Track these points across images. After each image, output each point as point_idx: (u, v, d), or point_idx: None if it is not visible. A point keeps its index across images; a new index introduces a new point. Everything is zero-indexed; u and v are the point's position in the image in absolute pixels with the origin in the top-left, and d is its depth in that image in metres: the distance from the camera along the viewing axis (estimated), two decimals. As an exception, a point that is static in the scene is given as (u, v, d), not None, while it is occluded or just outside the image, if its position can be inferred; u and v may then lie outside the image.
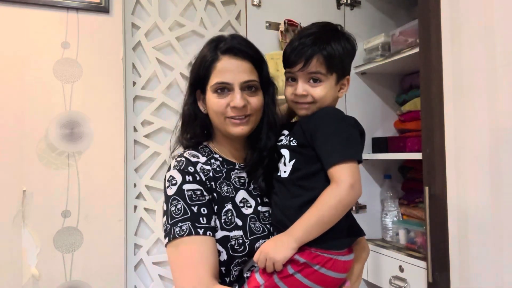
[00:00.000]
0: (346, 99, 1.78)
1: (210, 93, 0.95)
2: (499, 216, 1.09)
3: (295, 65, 0.92)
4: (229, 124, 0.94)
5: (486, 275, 1.12)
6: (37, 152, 1.53)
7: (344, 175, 0.83)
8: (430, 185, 1.28)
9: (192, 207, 0.89)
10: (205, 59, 0.96)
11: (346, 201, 0.83)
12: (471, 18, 1.16)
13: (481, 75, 1.13)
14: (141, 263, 1.70)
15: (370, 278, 1.67)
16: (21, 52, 1.52)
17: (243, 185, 0.99)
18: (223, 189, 0.95)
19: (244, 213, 0.95)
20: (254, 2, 1.60)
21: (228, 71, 0.93)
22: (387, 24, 1.86)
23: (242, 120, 0.94)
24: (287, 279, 0.84)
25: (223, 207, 0.93)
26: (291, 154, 0.92)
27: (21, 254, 1.48)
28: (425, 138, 1.32)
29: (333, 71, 0.92)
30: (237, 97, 0.92)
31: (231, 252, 0.90)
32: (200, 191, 0.91)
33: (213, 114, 0.96)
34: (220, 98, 0.93)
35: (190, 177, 0.91)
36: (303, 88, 0.92)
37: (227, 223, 0.92)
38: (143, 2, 1.72)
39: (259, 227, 0.94)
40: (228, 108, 0.93)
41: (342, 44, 0.94)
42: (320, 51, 0.90)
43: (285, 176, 0.92)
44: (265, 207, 0.98)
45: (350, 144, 0.86)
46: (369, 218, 1.80)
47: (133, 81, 1.71)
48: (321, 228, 0.83)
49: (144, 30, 1.72)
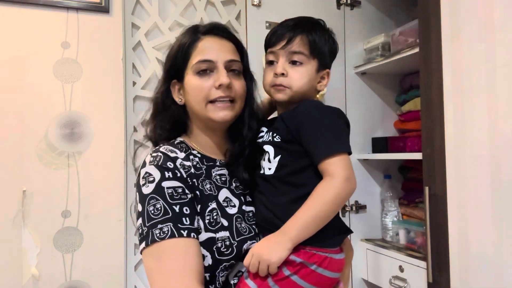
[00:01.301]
0: (346, 99, 1.78)
1: (191, 75, 0.87)
2: (499, 216, 1.09)
3: (277, 43, 0.89)
4: (211, 110, 0.87)
5: (486, 275, 1.12)
6: (37, 152, 1.52)
7: (338, 168, 0.79)
8: (430, 185, 1.28)
9: (173, 206, 0.79)
10: (183, 42, 0.90)
11: (343, 194, 0.79)
12: (471, 18, 1.16)
13: (481, 75, 1.13)
14: (141, 263, 1.70)
15: (370, 278, 1.67)
16: (21, 52, 1.52)
17: (225, 183, 0.91)
18: (205, 187, 0.86)
19: (229, 212, 0.87)
20: (254, 2, 1.60)
21: (211, 49, 0.87)
22: (387, 24, 1.86)
23: (225, 104, 0.87)
24: (282, 282, 0.79)
25: (206, 206, 0.84)
26: (275, 150, 0.88)
27: (21, 254, 1.48)
28: (425, 138, 1.32)
29: (315, 56, 0.89)
30: (222, 74, 0.86)
31: (217, 256, 0.81)
32: (181, 189, 0.82)
33: (193, 99, 0.88)
34: (203, 80, 0.86)
35: (169, 174, 0.82)
36: (283, 66, 0.88)
37: (211, 224, 0.83)
38: (143, 2, 1.72)
39: (245, 227, 0.87)
40: (212, 91, 0.86)
41: (326, 36, 0.93)
42: (304, 32, 0.89)
43: (270, 173, 0.87)
44: (249, 207, 0.91)
45: (339, 136, 0.83)
46: (369, 218, 1.80)
47: (133, 81, 1.71)
48: (318, 225, 0.79)
49: (144, 30, 1.72)
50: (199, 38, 0.89)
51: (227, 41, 0.91)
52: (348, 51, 1.79)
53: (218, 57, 0.87)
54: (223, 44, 0.90)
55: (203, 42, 0.89)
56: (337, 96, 1.76)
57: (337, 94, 1.76)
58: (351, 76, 1.80)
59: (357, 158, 1.79)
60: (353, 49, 1.80)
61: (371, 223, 1.81)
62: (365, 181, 1.81)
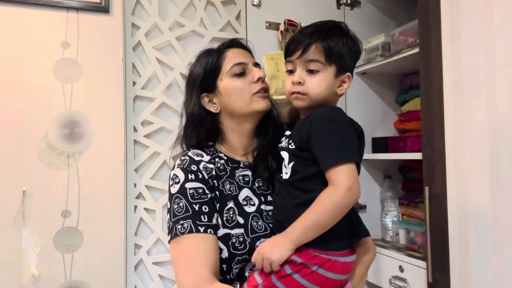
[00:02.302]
0: (346, 99, 1.78)
1: (228, 80, 0.99)
2: (499, 216, 1.09)
3: (293, 53, 0.92)
4: (256, 101, 0.99)
5: (486, 275, 1.12)
6: (37, 152, 1.52)
7: (340, 178, 0.81)
8: (430, 185, 1.28)
9: (193, 205, 0.90)
10: (209, 57, 1.02)
11: (343, 204, 0.81)
12: (471, 18, 1.16)
13: (481, 75, 1.13)
14: (141, 263, 1.70)
15: (370, 278, 1.67)
16: (21, 52, 1.52)
17: (247, 184, 1.00)
18: (225, 187, 0.96)
19: (247, 211, 0.95)
20: (254, 2, 1.60)
21: (240, 55, 1.02)
22: (387, 24, 1.86)
23: (266, 94, 1.01)
24: (284, 279, 0.84)
25: (225, 205, 0.94)
26: (290, 156, 0.92)
27: (21, 254, 1.48)
28: (425, 138, 1.32)
29: (332, 62, 0.90)
30: (258, 70, 1.01)
31: (232, 250, 0.91)
32: (202, 190, 0.92)
33: (237, 98, 0.99)
34: (242, 79, 0.99)
35: (192, 176, 0.93)
36: (300, 75, 0.91)
37: (228, 221, 0.92)
38: (143, 2, 1.72)
39: (261, 225, 0.95)
40: (252, 85, 0.99)
41: (344, 40, 0.92)
42: (319, 40, 0.89)
43: (286, 178, 0.92)
44: (269, 206, 0.99)
45: (345, 145, 0.85)
46: (369, 218, 1.80)
47: (133, 81, 1.71)
48: (317, 231, 0.82)
49: (144, 30, 1.72)
50: (224, 51, 1.02)
51: (245, 50, 1.07)
52: (348, 51, 1.79)
53: (247, 59, 1.02)
54: (245, 52, 1.06)
55: (230, 52, 1.02)
56: (337, 96, 1.76)
57: (337, 94, 1.76)
58: (351, 76, 1.80)
59: (357, 158, 1.79)
60: (353, 49, 1.80)
61: (371, 223, 1.81)
62: (365, 181, 1.81)
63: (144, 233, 1.71)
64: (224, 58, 1.01)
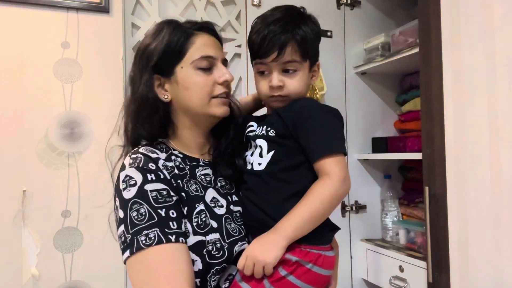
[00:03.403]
0: (346, 99, 1.78)
1: (191, 70, 0.84)
2: (499, 216, 1.09)
3: (267, 56, 0.84)
4: (214, 105, 0.85)
5: (486, 275, 1.12)
6: (37, 152, 1.52)
7: (335, 167, 0.78)
8: (430, 185, 1.28)
9: (158, 210, 0.75)
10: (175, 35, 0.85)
11: (339, 194, 0.79)
12: (471, 18, 1.16)
13: (481, 75, 1.13)
14: (141, 263, 1.70)
15: (370, 278, 1.67)
16: (21, 52, 1.52)
17: (210, 183, 0.87)
18: (191, 188, 0.83)
19: (218, 213, 0.83)
20: (254, 2, 1.60)
21: (210, 46, 0.86)
22: (387, 24, 1.86)
23: (226, 100, 0.87)
24: (279, 282, 0.76)
25: (194, 208, 0.80)
26: (269, 144, 0.85)
27: (21, 254, 1.48)
28: (425, 138, 1.32)
29: (307, 57, 0.87)
30: (226, 71, 0.86)
31: (208, 259, 0.77)
32: (166, 191, 0.77)
33: (194, 95, 0.84)
34: (206, 76, 0.84)
35: (152, 176, 0.77)
36: (279, 79, 0.85)
37: (200, 226, 0.79)
38: (143, 2, 1.72)
39: (235, 228, 0.83)
40: (215, 86, 0.85)
41: (310, 26, 0.87)
42: (294, 37, 0.83)
43: (261, 168, 0.84)
44: (236, 207, 0.88)
45: (337, 136, 0.82)
46: (369, 218, 1.80)
47: (133, 81, 1.71)
48: (314, 223, 0.77)
49: (144, 30, 1.71)
50: (193, 34, 0.86)
51: (216, 40, 0.91)
52: (348, 51, 1.79)
53: (217, 54, 0.87)
54: (216, 42, 0.90)
55: (200, 38, 0.86)
56: (337, 96, 1.76)
57: (337, 94, 1.76)
58: (351, 76, 1.80)
59: (357, 158, 1.79)
60: (353, 49, 1.80)
61: (371, 223, 1.81)
62: (365, 181, 1.81)
63: (144, 233, 1.71)
64: (192, 43, 0.84)
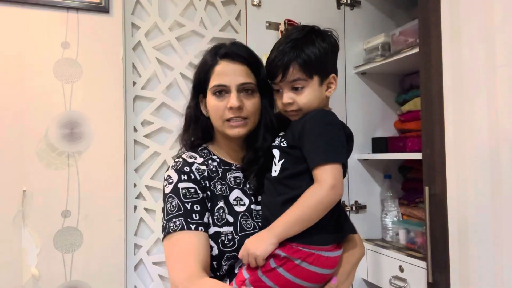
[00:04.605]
0: (346, 99, 1.78)
1: (210, 95, 1.00)
2: (499, 216, 1.09)
3: (275, 77, 0.95)
4: (227, 127, 0.99)
5: (486, 275, 1.12)
6: (37, 152, 1.53)
7: (326, 175, 0.86)
8: (430, 185, 1.28)
9: (185, 204, 0.95)
10: (205, 64, 1.02)
11: (326, 200, 0.86)
12: (471, 18, 1.16)
13: (481, 75, 1.13)
14: (141, 263, 1.70)
15: (370, 278, 1.67)
16: (21, 52, 1.52)
17: (238, 185, 1.03)
18: (217, 188, 1.00)
19: (237, 210, 0.99)
20: (254, 2, 1.60)
21: (225, 74, 0.99)
22: (387, 24, 1.86)
23: (239, 123, 0.99)
24: (269, 273, 0.87)
25: (216, 205, 0.98)
26: (281, 154, 0.96)
27: (21, 254, 1.48)
28: (425, 138, 1.32)
29: (313, 74, 0.93)
30: (233, 97, 0.97)
31: (221, 247, 0.94)
32: (194, 189, 0.97)
33: (212, 116, 1.01)
34: (219, 101, 0.99)
35: (185, 176, 0.97)
36: (288, 96, 0.94)
37: (218, 220, 0.96)
38: (143, 2, 1.72)
39: (250, 223, 0.99)
40: (225, 111, 0.98)
41: (317, 45, 0.93)
42: (295, 59, 0.92)
43: (275, 175, 0.95)
44: (258, 206, 1.02)
45: (334, 147, 0.89)
46: (369, 218, 1.80)
47: (133, 81, 1.71)
48: (300, 226, 0.86)
49: (144, 30, 1.72)
50: (217, 62, 1.00)
51: (240, 65, 1.00)
52: (348, 51, 1.79)
53: (231, 81, 0.98)
54: (237, 68, 1.00)
55: (220, 66, 0.99)
56: (337, 96, 1.76)
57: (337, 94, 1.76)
58: (351, 76, 1.80)
59: (357, 158, 1.79)
60: (353, 49, 1.80)
61: (371, 223, 1.81)
62: (365, 181, 1.81)
63: (144, 233, 1.71)
64: (212, 72, 1.00)
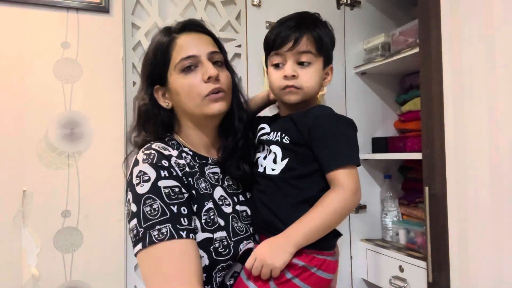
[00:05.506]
0: (346, 99, 1.78)
1: (177, 75, 0.85)
2: (499, 216, 1.09)
3: (283, 45, 0.87)
4: (207, 104, 0.85)
5: (486, 275, 1.12)
6: (37, 152, 1.52)
7: (348, 180, 0.81)
8: (430, 185, 1.28)
9: (171, 206, 0.77)
10: (160, 45, 0.87)
11: (350, 206, 0.82)
12: (471, 18, 1.16)
13: (481, 75, 1.13)
14: (141, 263, 1.70)
15: (370, 278, 1.67)
16: (21, 52, 1.52)
17: (218, 182, 0.90)
18: (201, 185, 0.85)
19: (225, 211, 0.86)
20: (254, 2, 1.60)
21: (191, 45, 0.86)
22: (387, 24, 1.86)
23: (220, 95, 0.86)
24: (284, 284, 0.80)
25: (203, 206, 0.82)
26: (283, 152, 0.87)
27: (21, 254, 1.48)
28: (425, 138, 1.32)
29: (321, 53, 0.89)
30: (208, 66, 0.84)
31: (215, 256, 0.80)
32: (178, 188, 0.80)
33: (186, 98, 0.86)
34: (191, 77, 0.85)
35: (165, 172, 0.80)
36: (293, 68, 0.87)
37: (208, 224, 0.81)
38: (143, 2, 1.72)
39: (241, 227, 0.86)
40: (202, 85, 0.84)
41: (326, 30, 0.92)
42: (310, 31, 0.88)
43: (274, 173, 0.87)
44: (242, 206, 0.90)
45: (353, 148, 0.84)
46: (369, 218, 1.80)
47: (133, 81, 1.71)
48: (323, 232, 0.81)
49: (144, 30, 1.71)
50: (175, 37, 0.87)
51: (203, 35, 0.90)
52: (348, 51, 1.79)
53: (200, 50, 0.86)
54: (201, 37, 0.89)
55: (181, 39, 0.87)
56: (337, 96, 1.76)
57: (337, 94, 1.76)
58: (351, 76, 1.80)
59: (357, 158, 1.79)
60: (353, 49, 1.80)
61: (371, 223, 1.81)
62: (365, 181, 1.81)
63: (144, 233, 1.71)
64: (174, 47, 0.85)
